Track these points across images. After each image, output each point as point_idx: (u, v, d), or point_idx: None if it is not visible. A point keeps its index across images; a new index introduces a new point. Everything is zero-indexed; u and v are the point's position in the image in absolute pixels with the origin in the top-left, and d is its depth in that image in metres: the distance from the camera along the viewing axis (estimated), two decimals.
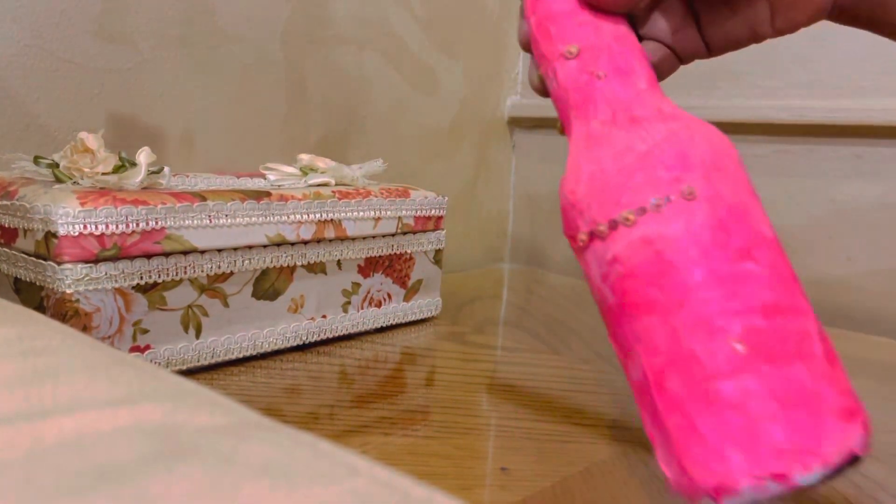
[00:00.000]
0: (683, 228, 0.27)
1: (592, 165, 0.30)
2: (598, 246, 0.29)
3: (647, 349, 0.28)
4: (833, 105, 0.74)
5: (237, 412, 0.20)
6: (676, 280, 0.27)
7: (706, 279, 0.27)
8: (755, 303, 0.26)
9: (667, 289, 0.27)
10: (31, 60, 0.59)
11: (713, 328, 0.26)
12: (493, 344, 0.62)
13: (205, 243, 0.48)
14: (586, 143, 0.31)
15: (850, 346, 0.65)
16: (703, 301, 0.26)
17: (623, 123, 0.30)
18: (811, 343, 0.27)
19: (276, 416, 0.38)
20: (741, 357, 0.26)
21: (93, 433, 0.17)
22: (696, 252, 0.27)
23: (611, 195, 0.29)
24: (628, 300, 0.28)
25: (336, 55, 0.80)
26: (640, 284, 0.28)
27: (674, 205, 0.28)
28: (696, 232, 0.27)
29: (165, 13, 0.66)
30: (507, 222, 1.06)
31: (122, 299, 0.45)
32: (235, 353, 0.51)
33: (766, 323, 0.26)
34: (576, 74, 0.32)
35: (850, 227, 0.76)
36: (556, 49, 0.33)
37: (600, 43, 0.32)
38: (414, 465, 0.38)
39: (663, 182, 0.28)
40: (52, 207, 0.42)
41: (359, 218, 0.57)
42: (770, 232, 0.29)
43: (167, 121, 0.68)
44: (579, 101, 0.32)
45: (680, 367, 0.27)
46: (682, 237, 0.27)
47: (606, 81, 0.31)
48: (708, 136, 0.29)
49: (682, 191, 0.28)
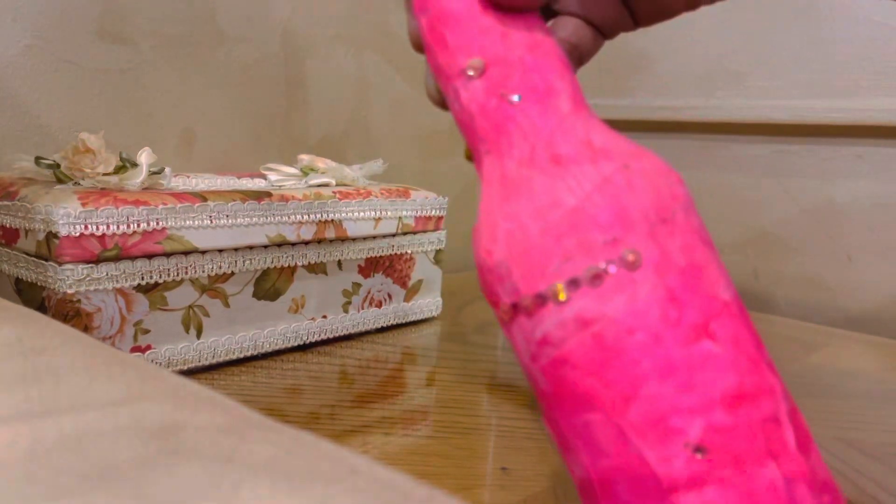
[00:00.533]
0: (626, 306, 0.23)
1: (510, 222, 0.24)
2: (523, 321, 0.24)
3: (590, 449, 0.23)
4: (833, 105, 0.74)
5: (237, 412, 0.20)
6: (621, 371, 0.22)
7: (657, 369, 0.22)
8: (716, 393, 0.22)
9: (610, 381, 0.23)
10: (32, 61, 0.59)
11: (667, 430, 0.22)
12: (494, 344, 0.62)
13: (206, 243, 0.48)
14: (501, 190, 0.25)
15: (850, 346, 0.65)
16: (653, 397, 0.22)
17: (544, 164, 0.25)
18: (782, 432, 0.22)
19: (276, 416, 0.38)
20: (701, 465, 0.22)
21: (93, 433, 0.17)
22: (642, 336, 0.22)
23: (535, 263, 0.24)
24: (565, 391, 0.24)
25: (336, 55, 0.80)
26: (577, 374, 0.23)
27: (614, 277, 0.23)
28: (642, 310, 0.22)
29: (165, 13, 0.66)
30: None
31: (123, 299, 0.45)
32: (236, 353, 0.51)
33: (729, 418, 0.22)
34: (482, 97, 0.26)
35: (850, 227, 0.76)
36: (455, 63, 0.26)
37: (510, 55, 0.26)
38: (414, 465, 0.38)
39: (598, 247, 0.23)
40: (53, 208, 0.42)
41: (359, 218, 0.57)
42: (727, 292, 0.24)
43: (167, 121, 0.68)
44: (489, 132, 0.26)
45: (630, 476, 0.23)
46: (625, 317, 0.22)
47: (521, 107, 0.25)
48: (649, 177, 0.24)
49: (623, 257, 0.23)
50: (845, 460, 0.40)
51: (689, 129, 0.84)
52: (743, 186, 0.83)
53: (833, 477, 0.23)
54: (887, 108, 0.71)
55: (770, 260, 0.81)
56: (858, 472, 0.39)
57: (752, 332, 0.24)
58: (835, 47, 0.74)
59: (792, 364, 0.57)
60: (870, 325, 0.74)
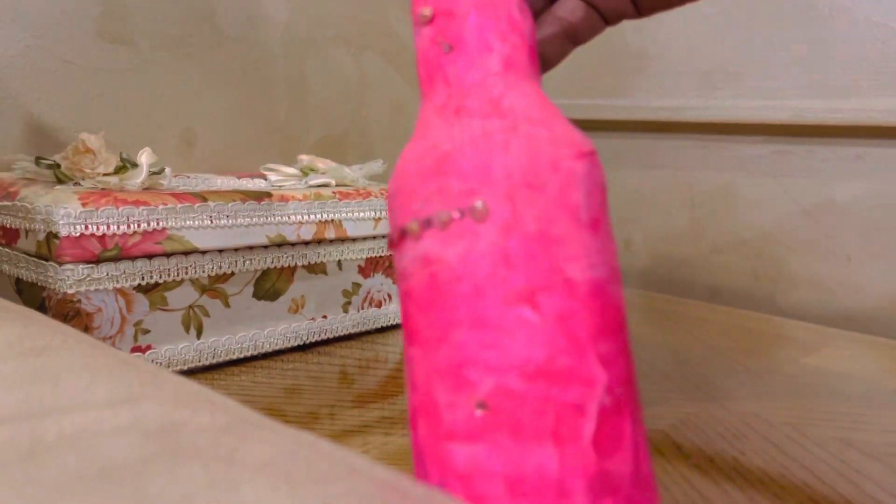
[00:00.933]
0: (462, 254, 0.23)
1: (402, 160, 0.26)
2: (394, 253, 0.25)
3: (409, 381, 0.24)
4: (833, 105, 0.74)
5: (237, 412, 0.20)
6: (441, 313, 0.23)
7: (470, 320, 0.22)
8: (515, 359, 0.22)
9: (431, 321, 0.23)
10: (32, 61, 0.59)
11: (461, 380, 0.22)
12: None
13: (206, 244, 0.48)
14: (417, 129, 0.27)
15: (850, 346, 0.65)
16: (459, 344, 0.22)
17: (447, 113, 0.26)
18: (580, 423, 0.21)
19: (276, 416, 0.38)
20: (479, 421, 0.22)
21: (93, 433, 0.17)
22: (467, 285, 0.23)
23: (405, 199, 0.25)
24: (405, 322, 0.25)
25: (336, 55, 0.80)
26: (412, 308, 0.24)
27: (459, 224, 0.23)
28: (474, 260, 0.23)
29: (165, 13, 0.66)
30: None
31: (123, 300, 0.45)
32: (236, 353, 0.51)
33: (523, 386, 0.22)
34: (426, 44, 0.27)
35: (850, 227, 0.76)
36: (415, 8, 0.28)
37: (457, 8, 0.27)
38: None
39: (453, 194, 0.23)
40: (53, 208, 0.42)
41: (359, 218, 0.57)
42: (582, 274, 0.23)
43: (167, 121, 0.68)
44: (424, 77, 0.27)
45: (426, 413, 0.23)
46: (457, 264, 0.23)
47: (451, 58, 0.26)
48: (535, 143, 0.24)
49: (473, 208, 0.23)
50: (845, 460, 0.40)
51: (688, 129, 0.84)
52: (743, 186, 0.83)
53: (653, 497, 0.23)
54: (887, 108, 0.71)
55: (770, 260, 0.81)
56: (858, 472, 0.39)
57: (600, 322, 0.23)
58: (834, 47, 0.74)
59: (791, 364, 0.57)
60: (869, 326, 0.74)
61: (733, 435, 0.43)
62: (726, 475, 0.38)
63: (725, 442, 0.42)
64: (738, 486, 0.36)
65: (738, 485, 0.36)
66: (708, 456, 0.40)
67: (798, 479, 0.37)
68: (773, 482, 0.37)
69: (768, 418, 0.46)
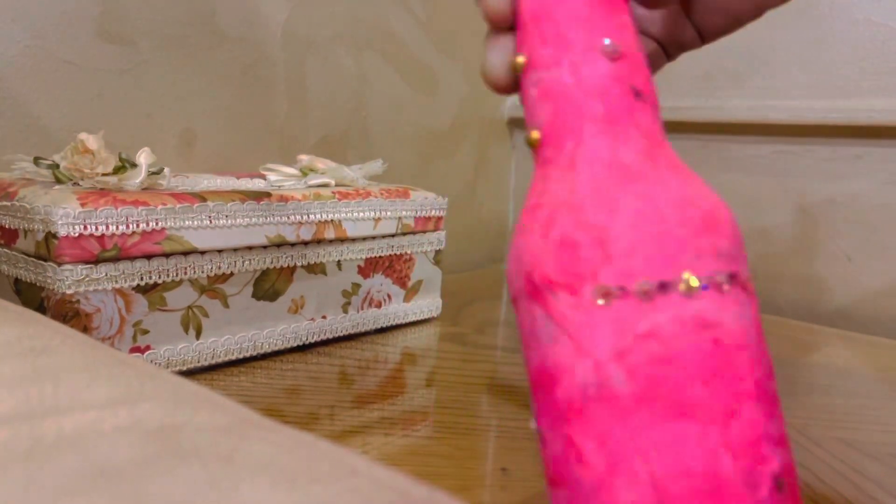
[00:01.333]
0: (741, 320, 0.22)
1: (640, 202, 0.23)
2: (623, 309, 0.22)
3: (663, 462, 0.21)
4: (833, 105, 0.74)
5: (237, 412, 0.20)
6: (729, 384, 0.21)
7: (757, 392, 0.22)
8: (782, 432, 0.22)
9: (719, 392, 0.21)
10: (32, 61, 0.59)
11: (757, 456, 0.21)
12: (494, 344, 0.62)
13: (205, 244, 0.48)
14: (615, 172, 0.24)
15: (850, 346, 0.65)
16: (752, 419, 0.21)
17: (664, 164, 0.24)
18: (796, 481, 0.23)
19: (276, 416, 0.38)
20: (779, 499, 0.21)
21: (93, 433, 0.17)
22: (749, 354, 0.22)
23: (671, 248, 0.22)
24: (655, 393, 0.21)
25: (336, 55, 0.80)
26: (681, 377, 0.21)
27: (733, 289, 0.22)
28: (750, 329, 0.22)
29: (165, 13, 0.66)
30: (507, 222, 1.06)
31: (122, 300, 0.45)
32: (235, 353, 0.51)
33: (789, 458, 0.22)
34: (608, 81, 0.25)
35: (850, 227, 0.76)
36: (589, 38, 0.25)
37: (634, 48, 0.25)
38: (414, 465, 0.38)
39: (729, 255, 0.23)
40: (52, 208, 0.42)
41: (359, 218, 0.57)
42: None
43: (167, 121, 0.68)
44: (607, 116, 0.25)
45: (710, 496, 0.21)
46: (739, 331, 0.22)
47: (642, 104, 0.25)
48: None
49: (742, 274, 0.23)
50: (845, 460, 0.40)
51: (689, 129, 0.84)
52: (743, 186, 0.83)
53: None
54: (887, 108, 0.71)
55: (770, 260, 0.81)
56: (858, 472, 0.39)
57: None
58: (835, 47, 0.74)
59: (791, 364, 0.57)
60: (869, 325, 0.74)
61: None
62: None
63: None
64: None
65: None
66: None
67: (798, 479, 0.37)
68: None
69: None
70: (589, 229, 0.23)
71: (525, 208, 0.26)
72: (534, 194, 0.26)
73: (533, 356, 0.24)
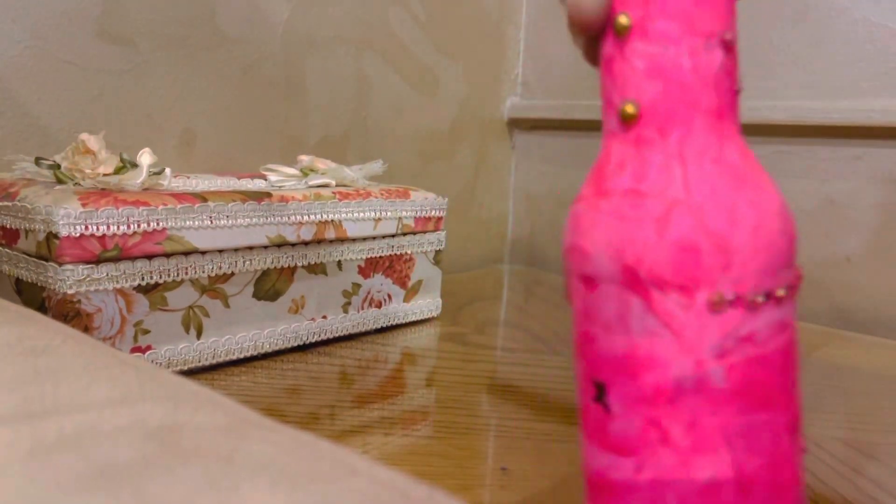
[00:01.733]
0: (793, 321, 0.25)
1: (753, 210, 0.23)
2: (730, 315, 0.23)
3: (742, 445, 0.24)
4: (832, 105, 0.74)
5: (237, 412, 0.20)
6: (791, 375, 0.24)
7: (795, 383, 0.25)
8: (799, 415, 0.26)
9: (785, 384, 0.24)
10: (32, 62, 0.59)
11: (797, 435, 0.25)
12: (493, 344, 0.62)
13: (206, 244, 0.48)
14: (725, 172, 0.24)
15: (851, 346, 0.65)
16: (797, 403, 0.25)
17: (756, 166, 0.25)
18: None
19: (276, 416, 0.38)
20: (802, 470, 0.25)
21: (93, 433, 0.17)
22: (796, 350, 0.25)
23: (778, 260, 0.23)
24: (746, 388, 0.23)
25: (336, 56, 0.80)
26: (767, 374, 0.24)
27: (792, 294, 0.24)
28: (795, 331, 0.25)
29: (165, 14, 0.66)
30: (507, 223, 1.06)
31: (123, 300, 0.45)
32: (236, 353, 0.51)
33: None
34: (721, 74, 0.24)
35: (850, 227, 0.76)
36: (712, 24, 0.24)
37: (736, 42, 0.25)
38: (414, 465, 0.38)
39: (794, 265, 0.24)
40: (53, 208, 0.42)
41: (359, 219, 0.57)
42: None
43: (167, 121, 0.68)
44: (718, 109, 0.24)
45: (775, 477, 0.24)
46: (795, 329, 0.24)
47: (739, 98, 0.26)
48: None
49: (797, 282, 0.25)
50: (845, 460, 0.40)
51: None
52: None
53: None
54: (887, 108, 0.71)
55: None
56: (858, 472, 0.39)
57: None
58: (834, 47, 0.74)
59: None
60: (869, 326, 0.74)
61: None
62: None
63: None
64: None
65: None
66: None
67: None
68: None
69: None
70: (711, 236, 0.23)
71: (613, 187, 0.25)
72: (628, 175, 0.25)
73: (616, 340, 0.25)
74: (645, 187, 0.24)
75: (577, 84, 0.95)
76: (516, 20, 1.01)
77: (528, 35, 1.01)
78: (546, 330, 0.66)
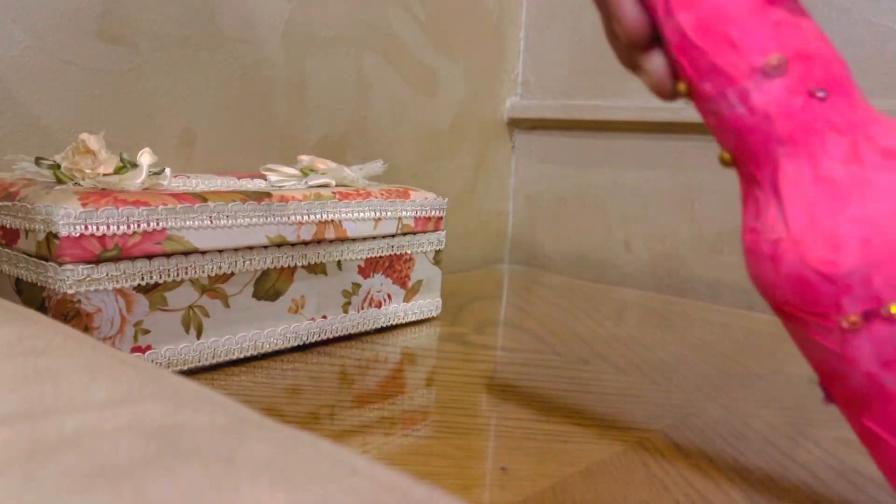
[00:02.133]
0: None
1: (861, 226, 0.23)
2: (880, 329, 0.23)
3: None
4: None
5: (237, 412, 0.20)
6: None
7: None
8: None
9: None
10: (32, 62, 0.59)
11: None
12: (494, 344, 0.62)
13: (206, 244, 0.48)
14: (823, 192, 0.24)
15: None
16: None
17: (875, 159, 0.24)
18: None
19: (276, 416, 0.38)
20: None
21: (93, 433, 0.17)
22: None
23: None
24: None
25: (336, 56, 0.80)
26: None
27: None
28: None
29: (165, 14, 0.66)
30: (507, 223, 1.06)
31: (123, 300, 0.45)
32: (236, 353, 0.51)
33: None
34: (784, 97, 0.24)
35: None
36: (744, 62, 0.24)
37: (809, 48, 0.24)
38: (414, 465, 0.38)
39: None
40: (53, 208, 0.42)
41: (359, 219, 0.57)
42: None
43: (167, 121, 0.68)
44: (795, 133, 0.24)
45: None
46: None
47: (831, 103, 0.25)
48: None
49: None
50: (845, 460, 0.40)
51: (689, 129, 0.84)
52: None
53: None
54: (887, 108, 0.71)
55: None
56: (858, 472, 0.39)
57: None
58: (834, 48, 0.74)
59: (791, 364, 0.57)
60: None
61: (733, 435, 0.43)
62: (726, 475, 0.38)
63: (725, 442, 0.42)
64: (738, 486, 0.36)
65: (738, 485, 0.36)
66: (708, 456, 0.40)
67: (798, 479, 0.37)
68: (773, 482, 0.37)
69: (768, 418, 0.46)
70: (818, 265, 0.23)
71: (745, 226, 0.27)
72: (749, 215, 0.26)
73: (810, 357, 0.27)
74: (759, 225, 0.25)
75: (577, 84, 0.95)
76: (516, 20, 1.01)
77: (528, 35, 1.01)
78: (546, 330, 0.66)
